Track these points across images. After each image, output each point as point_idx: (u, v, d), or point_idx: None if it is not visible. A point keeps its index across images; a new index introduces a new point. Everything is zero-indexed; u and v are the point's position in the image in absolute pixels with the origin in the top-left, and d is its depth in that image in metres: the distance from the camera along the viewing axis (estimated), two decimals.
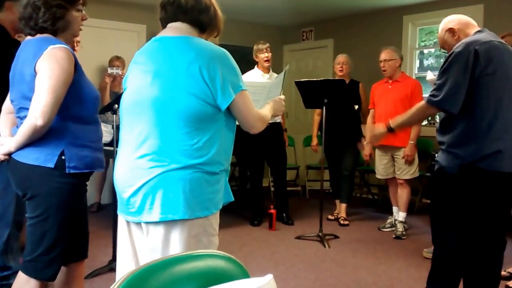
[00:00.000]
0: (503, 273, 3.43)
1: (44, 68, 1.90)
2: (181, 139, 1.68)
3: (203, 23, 1.84)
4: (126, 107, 1.81)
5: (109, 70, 5.22)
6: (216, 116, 1.73)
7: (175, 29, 1.81)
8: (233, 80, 1.73)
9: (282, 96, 2.15)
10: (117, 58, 5.38)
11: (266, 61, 4.90)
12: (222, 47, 1.80)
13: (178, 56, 1.71)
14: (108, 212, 5.26)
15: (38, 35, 2.02)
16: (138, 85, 1.77)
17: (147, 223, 1.73)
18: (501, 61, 2.37)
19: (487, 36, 2.42)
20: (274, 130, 4.90)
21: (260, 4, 5.96)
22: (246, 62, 6.19)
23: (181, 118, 1.68)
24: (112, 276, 3.32)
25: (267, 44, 4.96)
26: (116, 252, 3.48)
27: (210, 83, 1.69)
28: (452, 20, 2.60)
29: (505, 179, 2.38)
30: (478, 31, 2.50)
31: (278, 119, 4.96)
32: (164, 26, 1.87)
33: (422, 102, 2.50)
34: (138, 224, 1.78)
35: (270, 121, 4.99)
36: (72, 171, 1.99)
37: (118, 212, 1.85)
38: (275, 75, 5.01)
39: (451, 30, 2.57)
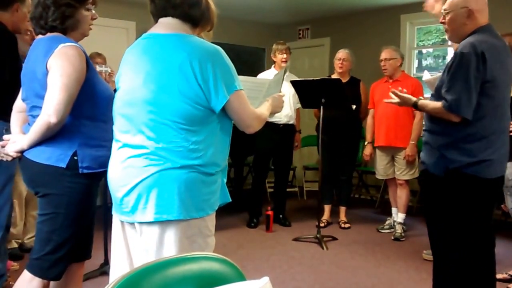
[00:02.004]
0: (504, 275, 3.42)
1: (56, 66, 1.92)
2: (175, 140, 1.65)
3: (194, 18, 1.77)
4: (118, 107, 1.79)
5: (98, 68, 5.13)
6: (209, 118, 1.70)
7: (166, 25, 1.76)
8: (227, 80, 1.69)
9: (282, 93, 2.10)
10: (98, 54, 5.30)
11: (283, 61, 4.97)
12: (216, 45, 1.76)
13: (169, 55, 1.67)
14: (99, 214, 5.17)
15: (49, 34, 2.03)
16: (130, 85, 1.74)
17: (141, 223, 1.70)
18: (501, 67, 2.32)
19: (492, 37, 2.34)
20: (286, 132, 4.91)
21: (256, 1, 5.93)
22: (241, 61, 6.17)
23: (174, 120, 1.65)
24: (104, 279, 3.27)
25: (286, 45, 5.04)
26: (108, 255, 3.44)
27: (203, 84, 1.65)
28: (478, 1, 2.36)
29: (490, 184, 2.37)
30: (483, 28, 2.36)
31: (292, 121, 4.96)
32: (155, 20, 1.81)
33: (440, 104, 2.35)
34: (132, 224, 1.75)
35: (283, 122, 4.98)
36: (85, 171, 2.00)
37: (113, 212, 1.83)
38: (292, 75, 5.01)
39: (470, 12, 2.33)
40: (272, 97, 2.03)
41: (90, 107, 2.03)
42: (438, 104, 2.37)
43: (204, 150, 1.68)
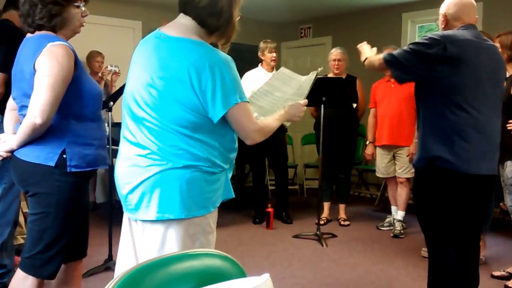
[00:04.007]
0: (502, 272, 3.45)
1: (43, 65, 1.89)
2: (176, 144, 1.66)
3: (209, 26, 1.74)
4: (125, 103, 1.79)
5: (109, 67, 5.21)
6: (210, 125, 1.69)
7: (181, 27, 1.73)
8: (227, 92, 1.66)
9: (304, 101, 2.01)
10: (98, 53, 5.33)
11: (273, 60, 4.94)
12: (217, 45, 1.75)
13: (173, 63, 1.66)
14: (103, 211, 5.23)
15: (38, 32, 2.00)
16: (134, 84, 1.75)
17: (144, 221, 1.72)
18: (474, 61, 2.30)
19: (466, 33, 2.36)
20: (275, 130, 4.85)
21: (258, 0, 5.92)
22: (243, 60, 6.14)
23: (173, 126, 1.66)
24: (108, 275, 3.31)
25: (275, 44, 5.00)
26: (112, 251, 3.48)
27: (201, 95, 1.64)
28: (450, 6, 2.47)
29: (466, 181, 2.30)
30: (463, 26, 2.42)
31: None
32: (179, 11, 1.78)
33: (381, 55, 2.51)
34: (137, 221, 1.76)
35: None
36: (73, 169, 1.98)
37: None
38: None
39: (445, 18, 2.49)
40: (290, 105, 1.97)
41: (78, 107, 2.01)
42: (379, 55, 2.55)
43: (206, 153, 1.68)
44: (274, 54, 4.91)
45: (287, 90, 2.09)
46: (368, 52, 2.71)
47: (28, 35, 2.04)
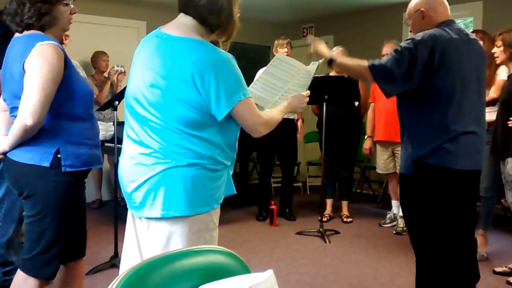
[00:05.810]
0: (504, 268, 3.46)
1: (32, 66, 1.86)
2: (179, 143, 1.68)
3: (210, 24, 1.76)
4: (128, 103, 1.81)
5: (115, 68, 5.26)
6: (214, 122, 1.71)
7: (182, 26, 1.75)
8: (231, 90, 1.68)
9: (306, 92, 2.05)
10: (104, 53, 5.37)
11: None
12: (217, 43, 1.76)
13: (176, 64, 1.67)
14: (109, 208, 5.28)
15: (26, 32, 1.97)
16: (137, 83, 1.76)
17: (148, 218, 1.74)
18: (459, 60, 2.29)
19: (450, 32, 2.33)
20: (287, 127, 4.90)
21: (259, 0, 5.94)
22: (246, 59, 6.20)
23: (177, 126, 1.68)
24: (113, 272, 3.34)
25: (288, 40, 5.00)
26: (117, 248, 3.52)
27: (205, 95, 1.66)
28: (427, 1, 2.41)
29: (452, 176, 2.32)
30: (444, 23, 2.37)
31: (293, 116, 4.97)
32: (178, 11, 1.80)
33: (366, 64, 2.37)
34: (141, 218, 1.78)
35: (284, 117, 4.98)
36: (68, 169, 1.97)
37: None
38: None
39: (423, 14, 2.41)
40: (292, 96, 2.02)
41: (69, 106, 1.98)
42: (362, 62, 2.39)
43: (209, 151, 1.70)
44: (286, 50, 4.87)
45: (286, 78, 2.10)
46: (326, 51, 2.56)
47: (16, 34, 2.00)
